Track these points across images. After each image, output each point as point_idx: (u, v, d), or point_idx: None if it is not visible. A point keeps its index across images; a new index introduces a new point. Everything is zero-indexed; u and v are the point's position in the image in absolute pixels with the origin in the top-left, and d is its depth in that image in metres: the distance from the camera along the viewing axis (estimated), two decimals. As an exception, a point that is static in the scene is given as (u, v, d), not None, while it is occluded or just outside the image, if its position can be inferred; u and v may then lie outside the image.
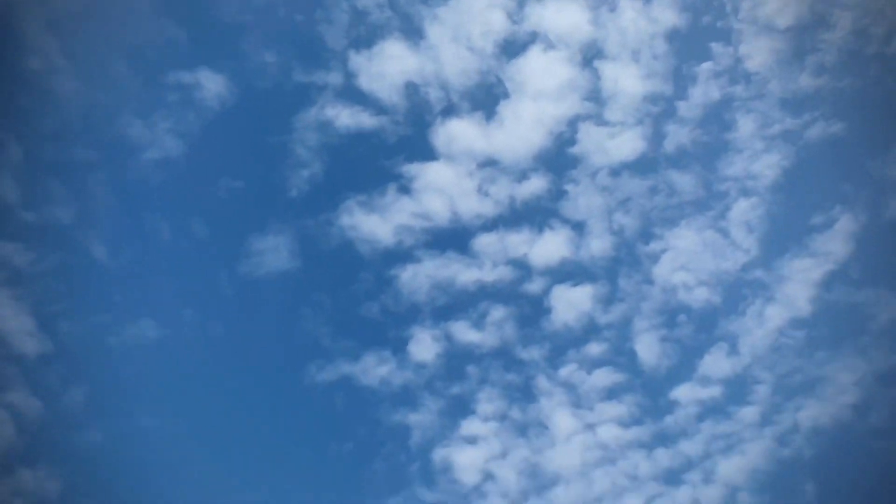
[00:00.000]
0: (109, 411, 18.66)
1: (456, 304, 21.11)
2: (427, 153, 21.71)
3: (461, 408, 20.12)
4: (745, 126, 21.17)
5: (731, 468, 18.65)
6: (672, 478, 18.83)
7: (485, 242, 21.34)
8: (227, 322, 20.22)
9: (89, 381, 18.63)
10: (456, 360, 20.60)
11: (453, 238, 21.50)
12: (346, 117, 21.56)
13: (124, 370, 18.93)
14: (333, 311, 20.90)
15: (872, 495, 17.93)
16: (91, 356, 18.92)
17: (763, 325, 19.82)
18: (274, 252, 20.76)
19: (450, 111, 21.85)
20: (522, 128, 21.81)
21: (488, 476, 19.30)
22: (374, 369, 20.35)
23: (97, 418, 18.46)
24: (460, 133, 21.72)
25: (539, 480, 19.21)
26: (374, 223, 21.26)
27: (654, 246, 21.14)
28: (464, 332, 20.82)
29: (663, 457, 19.07)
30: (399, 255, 21.24)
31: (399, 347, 20.73)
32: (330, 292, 21.08)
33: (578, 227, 21.45)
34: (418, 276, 21.13)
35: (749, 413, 19.12)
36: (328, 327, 20.74)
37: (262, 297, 20.63)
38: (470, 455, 19.52)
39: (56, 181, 19.49)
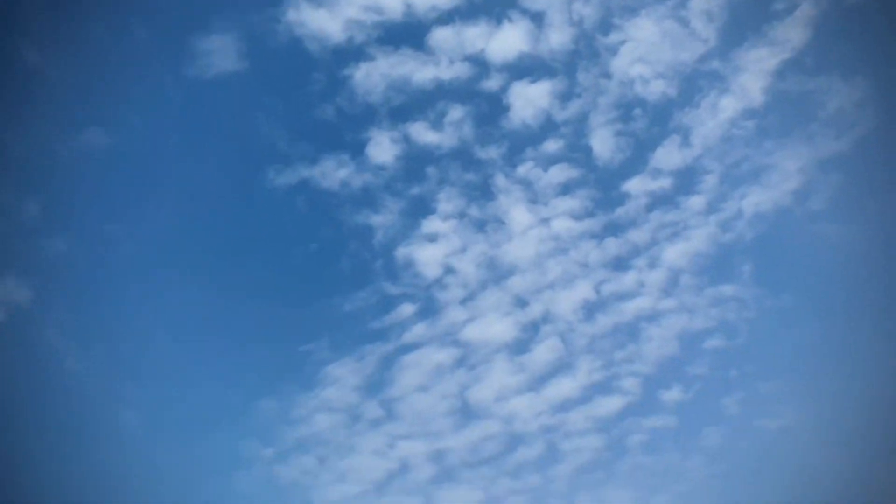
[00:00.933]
0: (70, 220, 18.71)
1: (413, 104, 20.85)
2: (375, -62, 20.23)
3: (421, 207, 20.63)
4: None
5: (675, 253, 19.83)
6: (620, 264, 20.04)
7: (440, 37, 20.62)
8: (179, 127, 19.80)
9: (44, 192, 18.45)
10: (415, 161, 20.76)
11: (407, 33, 20.70)
12: None
13: (78, 179, 18.75)
14: (287, 113, 20.54)
15: (805, 273, 19.39)
16: (41, 166, 18.59)
17: (716, 116, 20.10)
18: (220, 53, 19.82)
19: None
20: None
21: (449, 270, 20.28)
22: (334, 172, 20.45)
23: (58, 228, 18.56)
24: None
25: (496, 271, 20.29)
26: (323, 18, 20.21)
27: (613, 37, 20.67)
28: (422, 132, 20.78)
29: (612, 245, 20.13)
30: (351, 53, 20.52)
31: (357, 150, 20.72)
32: (282, 94, 20.54)
33: (537, 19, 20.73)
34: (372, 76, 20.58)
35: (696, 202, 19.98)
36: (283, 131, 20.50)
37: (212, 101, 20.04)
38: (431, 251, 20.35)
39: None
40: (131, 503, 16.45)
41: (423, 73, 20.50)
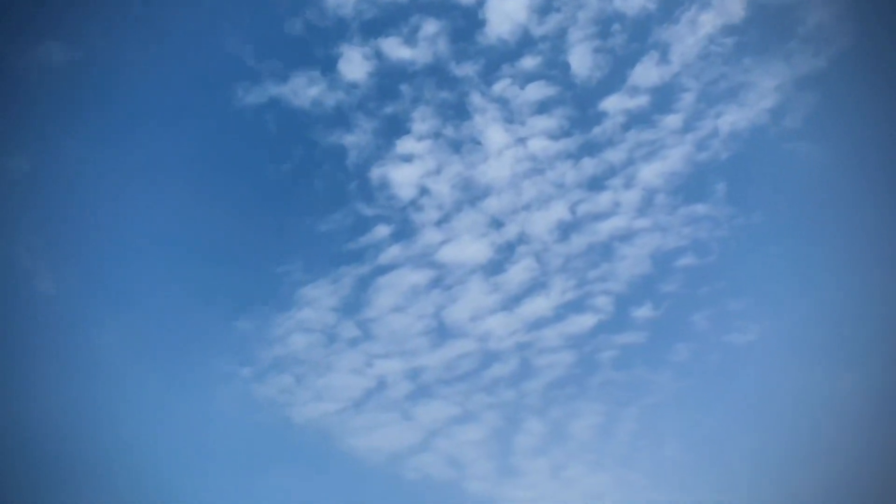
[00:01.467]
0: (32, 139, 18.15)
1: (386, 17, 20.15)
2: None
3: (395, 127, 20.26)
4: None
5: (650, 173, 19.78)
6: (595, 184, 20.01)
7: (413, -54, 19.84)
8: (141, 43, 18.99)
9: (2, 109, 17.82)
10: (388, 78, 20.25)
11: (379, -58, 19.88)
12: None
13: (38, 96, 18.07)
14: (254, 28, 19.77)
15: (777, 192, 19.54)
16: (-2, 81, 17.87)
17: (695, 32, 19.67)
18: (181, -37, 18.94)
19: None
20: None
21: (424, 191, 20.13)
22: (304, 90, 19.92)
23: (20, 146, 18.01)
24: None
25: (472, 192, 20.17)
26: (290, -75, 19.32)
27: (592, -52, 20.03)
28: (395, 48, 20.18)
29: (588, 165, 20.05)
30: (321, -37, 19.70)
31: (328, 67, 20.14)
32: (249, 8, 19.79)
33: (514, -72, 19.96)
34: (343, -13, 19.84)
35: (673, 120, 19.80)
36: (250, 46, 19.78)
37: (176, 14, 19.17)
38: (406, 172, 20.13)
39: None
40: (109, 424, 16.66)
41: (396, -16, 19.80)
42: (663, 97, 19.79)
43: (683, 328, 19.14)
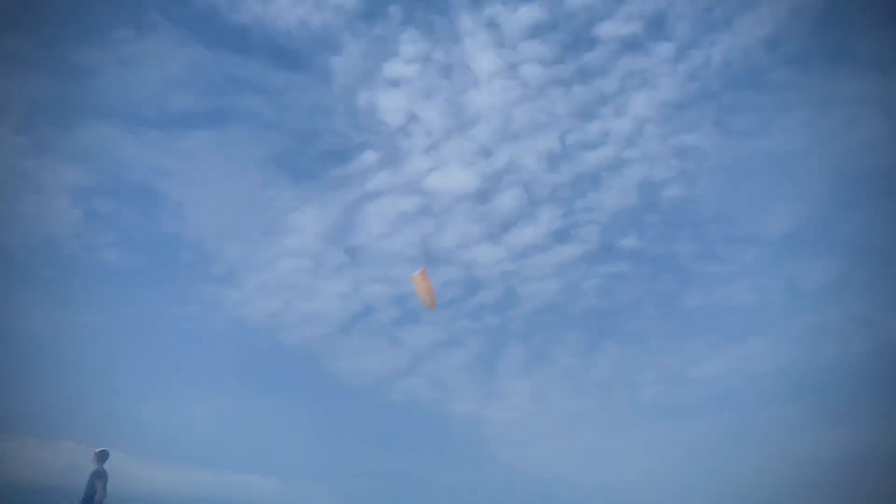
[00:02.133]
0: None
1: (374, -67, 19.42)
2: None
3: (384, 50, 19.77)
4: None
5: (641, 102, 19.57)
6: (586, 112, 19.79)
7: None
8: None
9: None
10: (376, -3, 19.67)
11: None
12: None
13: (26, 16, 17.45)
14: (237, -58, 19.00)
15: (767, 122, 19.45)
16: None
17: (692, -45, 19.12)
18: None
19: None
20: None
21: (413, 117, 19.82)
22: (290, 10, 19.28)
23: None
24: None
25: (461, 119, 19.92)
26: None
27: None
28: (384, -34, 19.51)
29: (580, 93, 19.75)
30: None
31: (315, -15, 19.47)
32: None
33: None
34: None
35: (666, 49, 19.42)
36: (233, -39, 19.06)
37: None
38: (394, 97, 19.76)
39: None
40: (98, 348, 16.97)
41: None
42: (657, 24, 19.41)
43: (668, 259, 19.46)
